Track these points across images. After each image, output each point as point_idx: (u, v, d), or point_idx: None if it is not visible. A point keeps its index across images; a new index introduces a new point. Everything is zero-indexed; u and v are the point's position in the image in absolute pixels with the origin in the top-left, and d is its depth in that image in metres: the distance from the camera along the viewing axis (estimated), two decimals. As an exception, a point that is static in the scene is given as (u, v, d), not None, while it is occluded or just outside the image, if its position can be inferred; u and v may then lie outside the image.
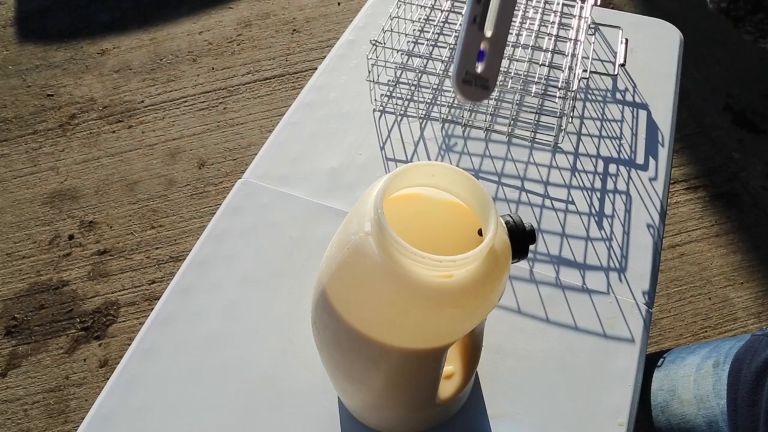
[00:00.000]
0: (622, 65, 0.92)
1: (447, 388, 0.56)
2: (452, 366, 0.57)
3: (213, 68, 2.14)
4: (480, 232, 0.44)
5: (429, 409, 0.55)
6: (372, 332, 0.42)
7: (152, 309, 0.78)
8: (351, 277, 0.41)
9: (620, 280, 0.75)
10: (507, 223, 0.44)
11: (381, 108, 0.93)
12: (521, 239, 0.44)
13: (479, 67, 0.37)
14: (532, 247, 0.75)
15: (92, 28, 2.32)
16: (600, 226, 0.80)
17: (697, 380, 0.72)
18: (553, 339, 0.70)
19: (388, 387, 0.48)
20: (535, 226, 0.80)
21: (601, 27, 1.02)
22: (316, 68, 2.13)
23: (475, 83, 0.36)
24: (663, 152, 0.89)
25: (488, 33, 0.37)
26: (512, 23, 0.96)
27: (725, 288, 1.62)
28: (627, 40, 0.95)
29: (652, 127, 0.92)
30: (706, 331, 1.55)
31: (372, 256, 0.38)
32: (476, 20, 0.37)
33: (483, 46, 0.37)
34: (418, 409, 0.54)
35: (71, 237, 1.73)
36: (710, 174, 1.85)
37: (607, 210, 0.81)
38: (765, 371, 0.61)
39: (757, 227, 1.73)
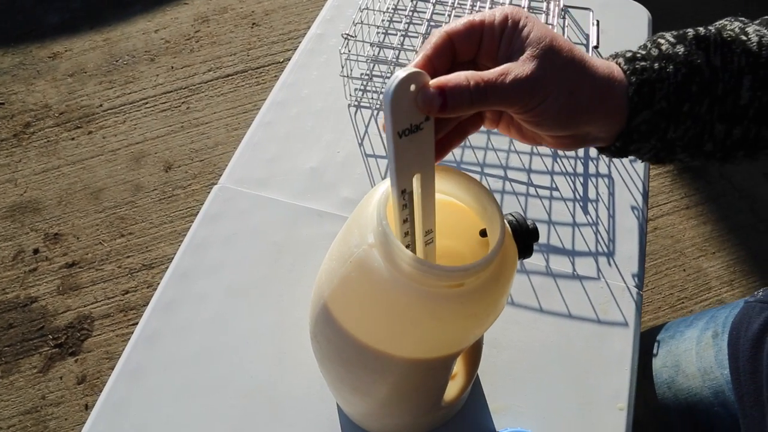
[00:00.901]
0: (596, 47, 0.92)
1: (451, 390, 0.55)
2: (456, 367, 0.56)
3: (172, 67, 2.08)
4: (482, 233, 0.43)
5: (434, 413, 0.54)
6: (380, 345, 0.40)
7: (128, 320, 0.75)
8: (355, 291, 0.40)
9: (609, 264, 0.75)
10: (510, 223, 0.42)
11: (356, 103, 0.90)
12: (525, 238, 0.42)
13: None
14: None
15: (40, 30, 2.23)
16: (585, 212, 0.80)
17: (698, 353, 0.72)
18: (548, 329, 0.70)
19: (394, 397, 0.47)
20: (522, 215, 0.79)
21: (571, 9, 1.02)
22: (279, 62, 2.09)
23: None
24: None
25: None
26: (483, 8, 0.95)
27: (698, 259, 1.65)
28: (598, 21, 0.95)
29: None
30: (683, 302, 1.58)
31: (378, 270, 0.37)
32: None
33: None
34: (424, 414, 0.53)
35: (36, 251, 1.66)
36: (676, 147, 1.88)
37: (591, 194, 0.81)
38: (761, 338, 0.62)
39: (724, 197, 1.77)
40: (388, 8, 0.97)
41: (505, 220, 0.42)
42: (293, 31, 2.15)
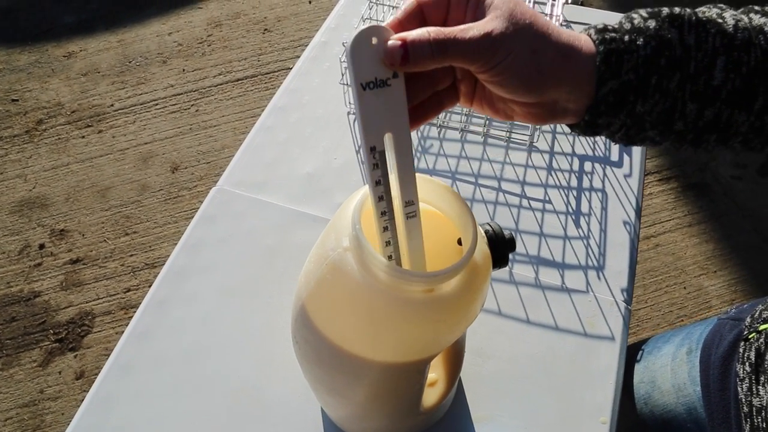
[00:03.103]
0: (595, 63, 0.92)
1: (431, 396, 0.55)
2: (435, 373, 0.57)
3: (184, 70, 2.11)
4: (460, 242, 0.44)
5: (413, 418, 0.55)
6: (353, 348, 0.41)
7: (129, 318, 0.75)
8: (330, 293, 0.40)
9: (599, 278, 0.76)
10: (486, 232, 0.43)
11: (355, 111, 0.92)
12: (501, 248, 0.43)
13: None
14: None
15: (57, 30, 2.27)
16: (577, 225, 0.80)
17: (673, 369, 0.72)
18: (535, 340, 0.70)
19: (371, 400, 0.48)
20: (513, 227, 0.80)
21: (572, 24, 1.03)
22: (289, 68, 2.11)
23: None
24: (637, 149, 0.89)
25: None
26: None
27: (699, 277, 1.64)
28: (599, 37, 0.96)
29: (625, 123, 0.92)
30: (682, 320, 1.57)
31: (351, 273, 0.37)
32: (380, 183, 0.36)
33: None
34: (402, 419, 0.53)
35: (42, 246, 1.69)
36: (682, 165, 1.87)
37: (584, 208, 0.82)
38: (731, 355, 0.62)
39: (727, 216, 1.76)
40: (392, 18, 0.98)
41: (482, 230, 0.43)
42: (304, 38, 2.18)
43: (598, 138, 0.90)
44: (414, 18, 0.37)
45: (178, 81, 2.07)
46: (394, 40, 0.35)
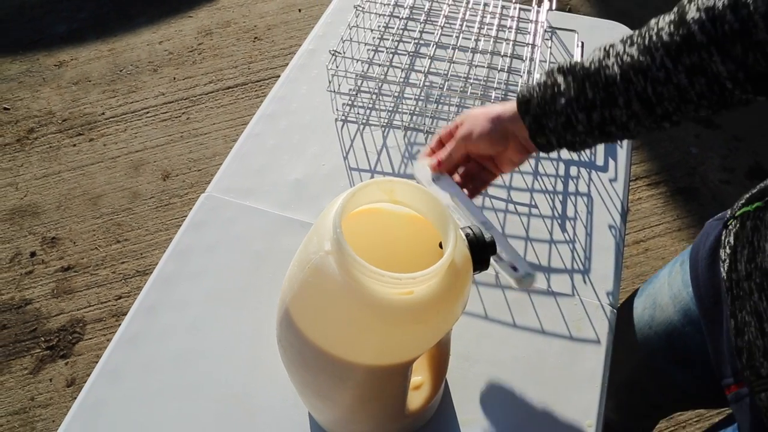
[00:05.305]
0: (580, 69, 0.94)
1: (416, 399, 0.56)
2: (421, 376, 0.57)
3: (174, 78, 2.11)
4: (441, 245, 0.44)
5: (399, 421, 0.55)
6: (336, 350, 0.42)
7: (120, 325, 0.75)
8: (313, 297, 0.41)
9: (584, 281, 0.77)
10: (467, 235, 0.44)
11: (343, 118, 0.92)
12: (482, 251, 0.44)
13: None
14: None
15: (48, 39, 2.27)
16: (563, 229, 0.81)
17: (670, 283, 0.75)
18: (521, 343, 0.71)
19: (356, 402, 0.48)
20: (499, 231, 0.80)
21: (557, 31, 1.04)
22: (279, 76, 2.11)
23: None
24: (622, 153, 0.90)
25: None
26: (471, 29, 0.97)
27: (688, 281, 1.65)
28: (583, 43, 0.97)
29: (610, 128, 0.93)
30: (671, 324, 1.58)
31: (332, 276, 0.38)
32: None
33: None
34: (388, 421, 0.54)
35: (33, 254, 1.68)
36: (670, 169, 1.89)
37: (570, 212, 0.83)
38: (717, 247, 0.65)
39: (716, 220, 1.77)
40: (378, 26, 0.99)
41: (462, 233, 0.44)
42: (294, 46, 2.19)
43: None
44: (437, 145, 0.68)
45: (169, 89, 2.08)
46: (432, 160, 0.65)
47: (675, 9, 0.52)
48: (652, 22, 0.54)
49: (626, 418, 0.99)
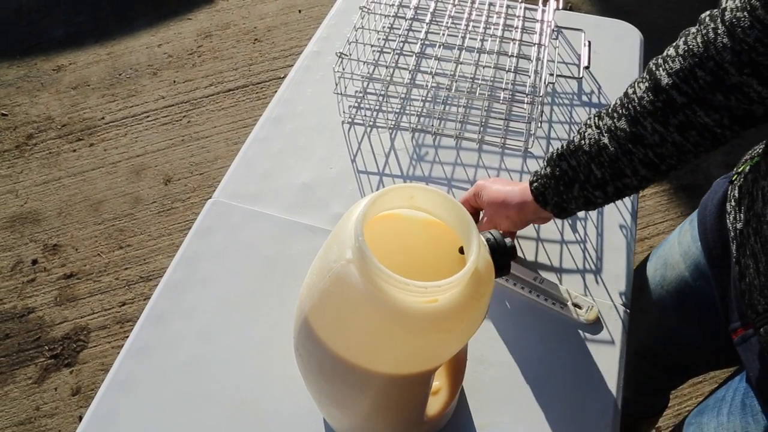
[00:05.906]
0: (587, 68, 0.93)
1: (434, 405, 0.55)
2: (438, 382, 0.57)
3: (174, 81, 2.10)
4: (461, 250, 0.44)
5: (417, 427, 0.55)
6: (358, 359, 0.41)
7: (125, 332, 0.75)
8: (334, 306, 0.40)
9: (597, 282, 0.76)
10: (488, 241, 0.43)
11: (350, 120, 0.92)
12: (503, 256, 0.43)
13: None
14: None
15: (45, 43, 2.25)
16: (574, 230, 0.81)
17: (680, 242, 0.78)
18: (535, 345, 0.70)
19: (375, 411, 0.47)
20: (500, 233, 0.80)
21: (563, 30, 1.03)
22: (280, 77, 2.11)
23: None
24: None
25: None
26: (477, 29, 0.96)
27: (694, 277, 1.65)
28: (590, 42, 0.96)
29: (618, 127, 0.93)
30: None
31: (355, 284, 0.37)
32: None
33: None
34: (406, 428, 0.53)
35: (35, 262, 1.67)
36: (673, 166, 1.88)
37: (580, 213, 0.82)
38: (724, 201, 0.68)
39: (720, 216, 1.77)
40: (384, 27, 0.99)
41: (483, 239, 0.43)
42: (295, 47, 2.18)
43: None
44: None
45: (169, 92, 2.07)
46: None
47: (646, 75, 0.57)
48: (630, 91, 0.58)
49: (635, 391, 0.99)
